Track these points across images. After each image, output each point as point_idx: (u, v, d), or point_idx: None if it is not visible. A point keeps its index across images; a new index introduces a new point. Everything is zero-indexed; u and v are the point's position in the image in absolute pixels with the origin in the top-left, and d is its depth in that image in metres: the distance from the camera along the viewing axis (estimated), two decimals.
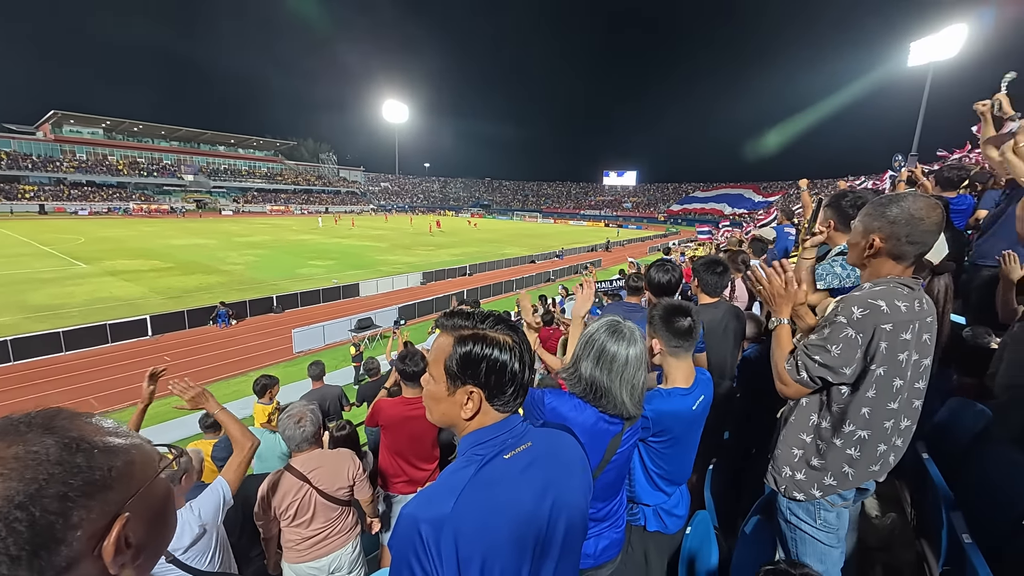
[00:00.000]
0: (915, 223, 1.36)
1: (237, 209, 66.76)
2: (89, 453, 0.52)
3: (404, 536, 0.88)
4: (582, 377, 1.38)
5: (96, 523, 0.50)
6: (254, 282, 20.92)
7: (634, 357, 1.35)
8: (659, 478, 1.72)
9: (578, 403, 1.39)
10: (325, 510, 2.42)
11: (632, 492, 1.74)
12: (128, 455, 0.56)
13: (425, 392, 1.02)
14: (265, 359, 12.74)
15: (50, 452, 0.49)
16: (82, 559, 0.50)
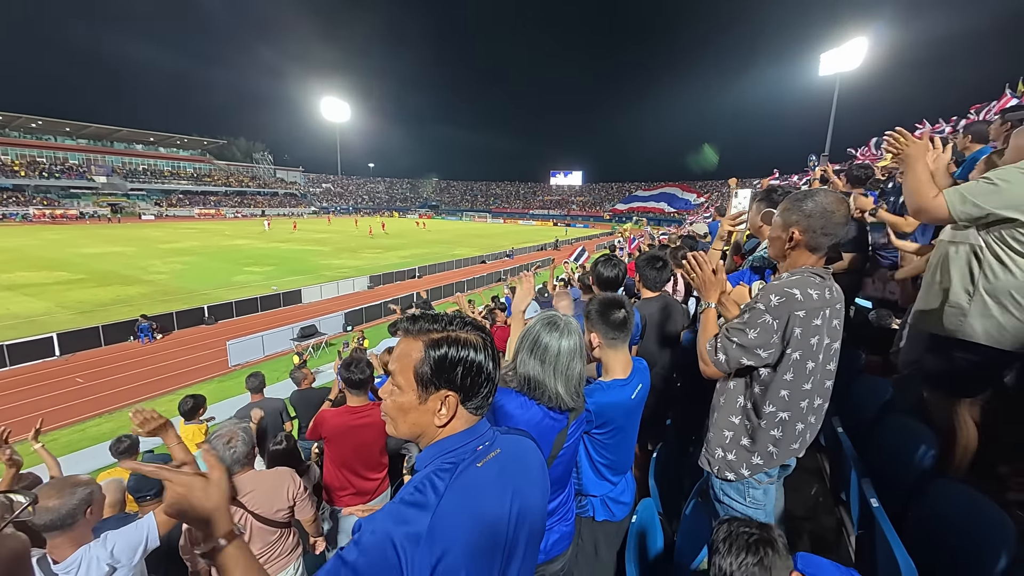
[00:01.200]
0: (828, 216, 1.48)
1: (160, 213, 61.36)
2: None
3: (377, 550, 0.80)
4: (518, 371, 1.39)
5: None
6: (182, 292, 19.32)
7: (567, 349, 1.37)
8: (604, 468, 1.76)
9: (524, 400, 1.39)
10: (262, 534, 2.27)
11: (579, 484, 1.77)
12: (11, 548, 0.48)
13: (389, 404, 0.96)
14: (196, 375, 11.79)
15: None
16: None
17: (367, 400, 2.88)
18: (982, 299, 1.72)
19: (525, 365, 1.38)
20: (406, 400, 0.93)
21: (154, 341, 14.00)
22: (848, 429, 2.38)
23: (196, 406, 4.14)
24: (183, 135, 75.06)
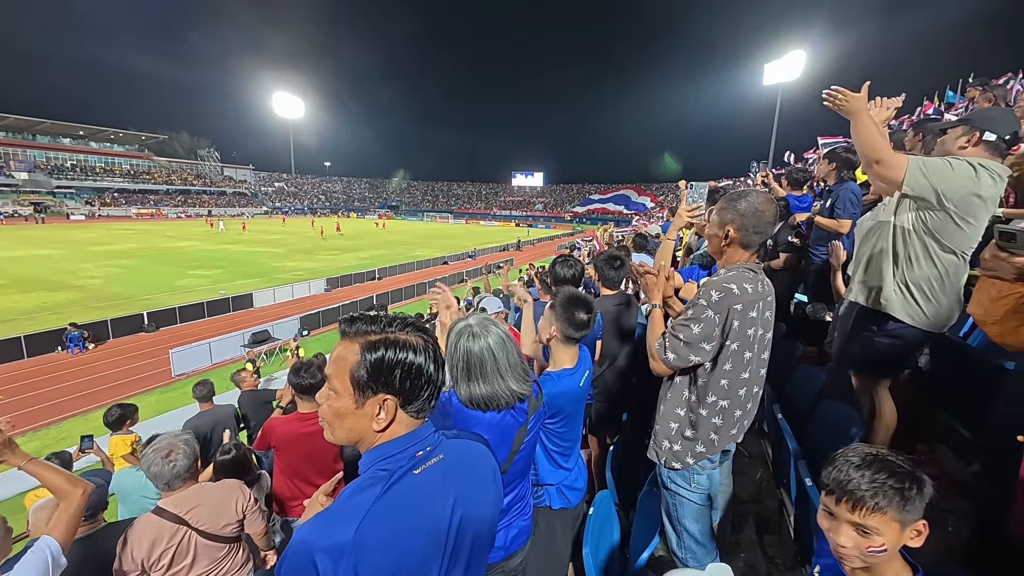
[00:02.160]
0: (759, 215, 1.58)
1: (92, 213, 56.68)
2: None
3: (295, 565, 0.79)
4: (461, 395, 1.37)
5: None
6: (118, 298, 17.95)
7: (497, 344, 1.35)
8: (558, 455, 1.80)
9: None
10: (208, 551, 2.14)
11: (536, 475, 1.80)
12: None
13: (325, 409, 0.93)
14: (135, 386, 10.98)
15: None
16: None
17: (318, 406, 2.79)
18: (902, 282, 1.88)
19: (470, 390, 1.35)
20: (342, 405, 0.90)
21: (85, 351, 12.93)
22: (787, 416, 2.54)
23: (123, 416, 3.80)
24: (118, 129, 69.81)
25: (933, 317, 1.88)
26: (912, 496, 0.94)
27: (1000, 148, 1.81)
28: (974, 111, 1.97)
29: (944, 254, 1.81)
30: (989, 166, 1.72)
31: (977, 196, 1.70)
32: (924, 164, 1.76)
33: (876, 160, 1.78)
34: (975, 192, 1.70)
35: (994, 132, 1.79)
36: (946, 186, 1.72)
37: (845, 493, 0.98)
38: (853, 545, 0.98)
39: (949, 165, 1.75)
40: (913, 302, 1.89)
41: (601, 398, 2.75)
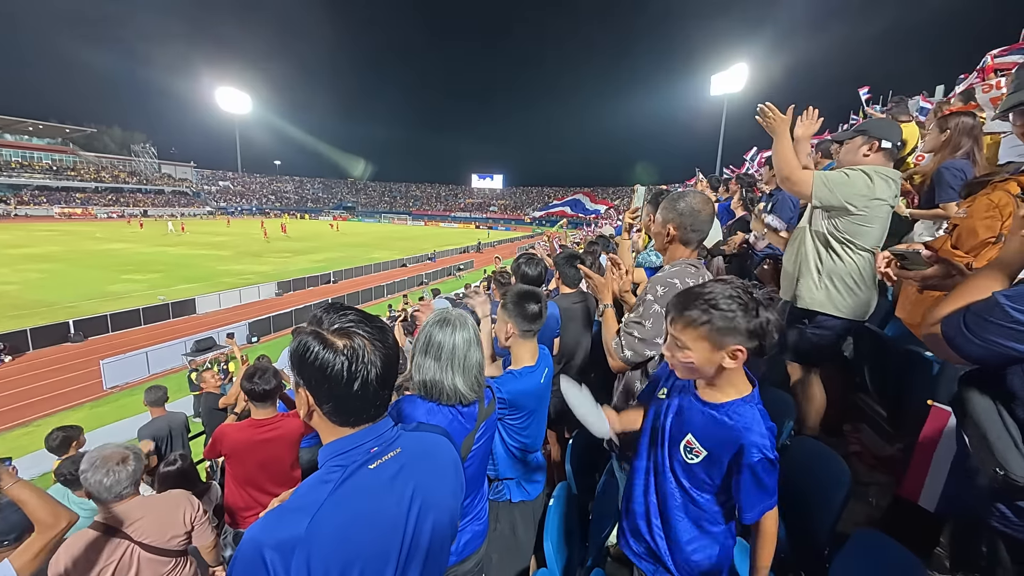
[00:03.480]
0: (695, 215, 1.71)
1: (6, 212, 51.35)
2: None
3: (246, 564, 0.78)
4: (415, 378, 1.39)
5: None
6: (39, 305, 16.37)
7: (463, 341, 1.39)
8: (518, 451, 1.84)
9: (431, 406, 1.39)
10: (153, 566, 2.02)
11: (495, 470, 1.83)
12: None
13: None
14: (60, 400, 10.07)
15: None
16: None
17: (275, 412, 2.70)
18: (827, 279, 2.10)
19: (420, 369, 1.38)
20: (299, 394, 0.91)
21: (2, 364, 11.71)
22: None
23: (67, 439, 3.45)
24: (37, 120, 63.52)
25: (856, 307, 2.10)
26: (717, 322, 1.12)
27: (894, 153, 2.08)
28: (868, 121, 2.24)
29: (857, 252, 2.05)
30: (881, 171, 1.98)
31: (875, 199, 1.95)
32: (827, 178, 2.02)
33: (786, 177, 2.09)
34: (872, 196, 1.95)
35: (890, 140, 2.05)
36: (847, 195, 1.97)
37: (671, 309, 1.21)
38: (671, 355, 1.22)
39: (846, 176, 2.00)
40: (838, 295, 2.10)
41: (560, 394, 2.83)
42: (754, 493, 1.16)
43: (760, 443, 1.13)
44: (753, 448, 1.13)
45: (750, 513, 1.18)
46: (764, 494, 1.16)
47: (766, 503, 1.17)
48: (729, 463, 1.17)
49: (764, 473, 1.14)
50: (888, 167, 2.04)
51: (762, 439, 1.13)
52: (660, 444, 1.29)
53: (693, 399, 1.26)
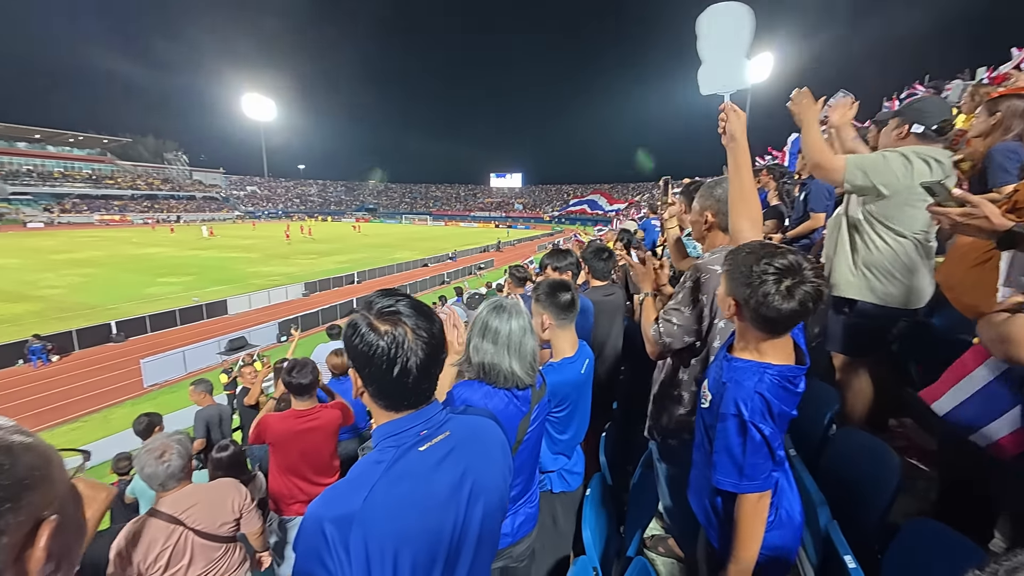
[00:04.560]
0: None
1: (51, 220, 54.10)
2: (8, 451, 0.45)
3: (308, 537, 0.82)
4: (471, 359, 1.43)
5: (22, 528, 0.45)
6: (82, 308, 17.21)
7: (517, 328, 1.42)
8: (562, 444, 1.85)
9: (488, 390, 1.42)
10: (205, 551, 2.12)
11: (539, 464, 1.84)
12: (45, 454, 0.49)
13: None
14: (105, 398, 10.59)
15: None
16: (4, 571, 0.43)
17: (314, 403, 2.78)
18: (863, 266, 2.04)
19: (478, 351, 1.42)
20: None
21: (50, 364, 12.38)
22: None
23: (151, 424, 3.89)
24: (77, 132, 66.81)
25: (897, 295, 2.02)
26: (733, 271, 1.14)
27: (930, 137, 1.98)
28: (906, 104, 2.15)
29: (897, 238, 1.97)
30: (923, 153, 1.89)
31: (913, 183, 1.85)
32: (861, 162, 1.95)
33: (816, 163, 2.02)
34: (909, 180, 1.86)
35: (921, 124, 1.96)
36: (882, 178, 1.89)
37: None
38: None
39: (883, 158, 1.92)
40: (876, 282, 2.03)
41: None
42: (721, 452, 1.14)
43: (741, 398, 1.10)
44: (731, 401, 1.11)
45: (715, 474, 1.15)
46: (730, 460, 1.11)
47: (732, 475, 1.11)
48: (716, 412, 1.17)
49: (734, 433, 1.11)
50: (934, 148, 1.95)
51: (746, 398, 1.10)
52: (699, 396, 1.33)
53: (724, 349, 1.27)
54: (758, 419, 1.09)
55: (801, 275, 1.05)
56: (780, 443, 1.14)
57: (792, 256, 1.07)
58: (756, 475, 1.10)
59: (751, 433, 1.08)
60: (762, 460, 1.10)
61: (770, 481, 1.13)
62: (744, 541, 1.14)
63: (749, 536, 1.13)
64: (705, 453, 1.27)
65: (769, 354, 1.16)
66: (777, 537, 1.20)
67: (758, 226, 1.51)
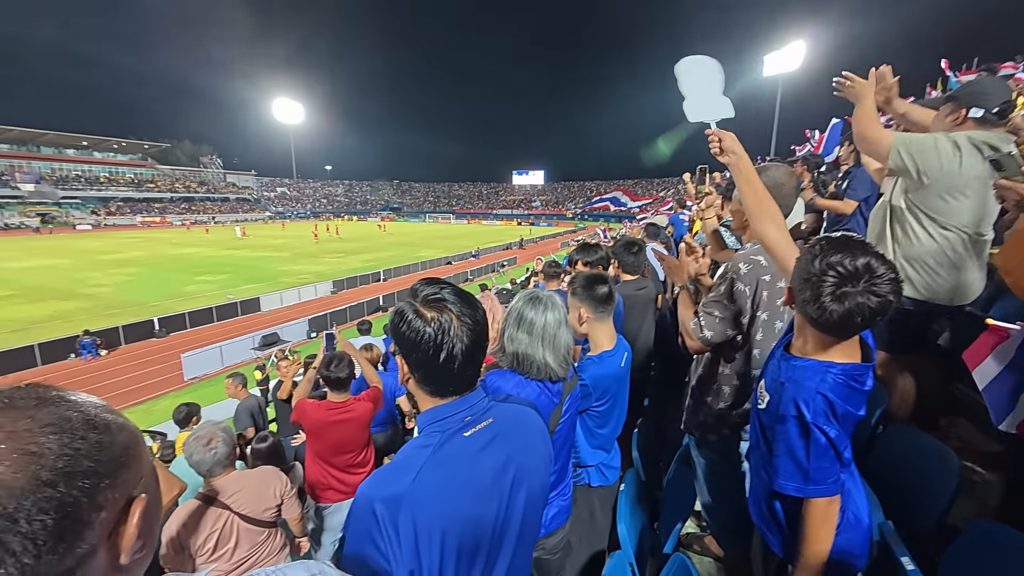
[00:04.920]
0: (777, 188, 1.62)
1: (97, 223, 57.15)
2: (106, 428, 0.47)
3: (359, 517, 0.85)
4: (506, 348, 1.43)
5: (116, 505, 0.46)
6: (128, 305, 18.11)
7: (552, 320, 1.42)
8: (602, 438, 1.84)
9: (520, 379, 1.43)
10: (249, 535, 2.21)
11: (577, 458, 1.84)
12: (136, 434, 0.51)
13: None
14: (149, 391, 11.13)
15: (75, 426, 0.44)
16: (99, 547, 0.44)
17: (348, 396, 2.85)
18: (902, 258, 1.92)
19: (512, 341, 1.42)
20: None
21: (99, 358, 13.10)
22: None
23: (189, 414, 4.17)
24: (121, 138, 70.34)
25: (942, 289, 1.90)
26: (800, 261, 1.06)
27: (990, 121, 1.82)
28: (961, 86, 1.99)
29: (941, 231, 1.83)
30: (978, 139, 1.73)
31: (960, 172, 1.72)
32: (907, 140, 1.80)
33: (862, 135, 1.91)
34: (954, 169, 1.72)
35: (981, 107, 1.80)
36: (925, 162, 1.76)
37: None
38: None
39: (934, 141, 1.77)
40: (916, 275, 1.91)
41: None
42: (783, 455, 1.08)
43: (802, 399, 1.04)
44: (790, 402, 1.06)
45: (777, 479, 1.10)
46: (793, 464, 1.06)
47: (796, 479, 1.06)
48: (775, 413, 1.12)
49: (795, 436, 1.05)
50: (994, 134, 1.82)
51: (807, 398, 1.04)
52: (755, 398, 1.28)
53: (782, 348, 1.22)
54: (821, 421, 1.03)
55: (869, 283, 0.94)
56: (847, 445, 1.08)
57: (865, 259, 0.95)
58: (823, 479, 1.05)
59: (815, 435, 1.03)
60: (828, 464, 1.04)
61: (839, 485, 1.08)
62: (812, 547, 1.09)
63: (818, 542, 1.08)
64: (761, 455, 1.23)
65: (831, 352, 1.09)
66: (844, 541, 1.14)
67: (783, 226, 1.46)
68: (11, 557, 0.38)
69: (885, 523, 1.40)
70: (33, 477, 0.40)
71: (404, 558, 0.82)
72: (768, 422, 1.17)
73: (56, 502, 0.40)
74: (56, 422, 0.43)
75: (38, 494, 0.39)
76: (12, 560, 0.38)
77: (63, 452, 0.42)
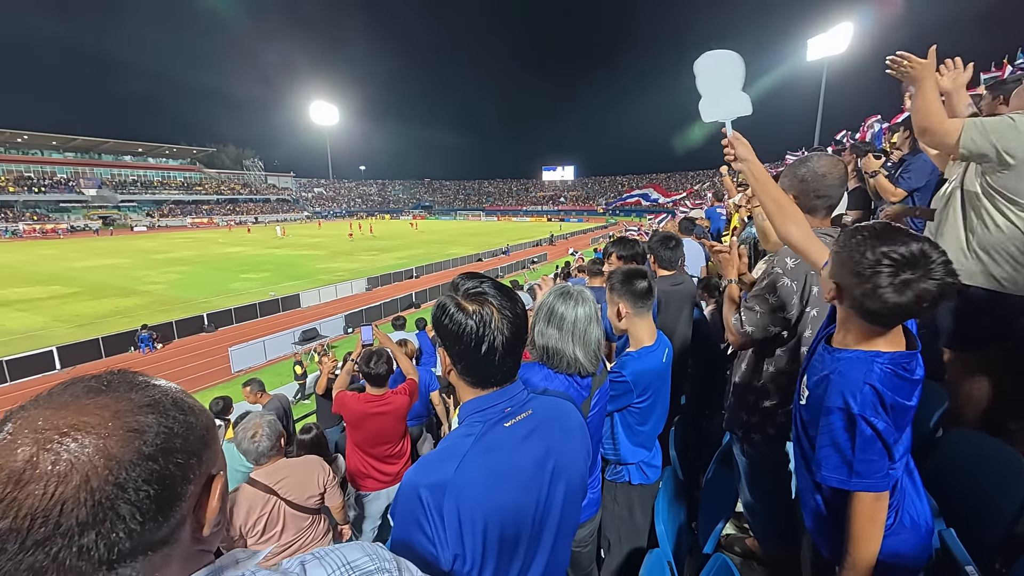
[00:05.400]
0: (820, 179, 1.56)
1: (152, 224, 60.99)
2: (191, 410, 0.51)
3: (406, 502, 0.88)
4: (536, 342, 1.44)
5: (200, 481, 0.50)
6: (179, 301, 19.24)
7: (583, 315, 1.41)
8: (644, 435, 1.81)
9: (548, 373, 1.43)
10: (295, 521, 2.31)
11: (617, 455, 1.82)
12: (210, 417, 0.55)
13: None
14: (200, 382, 11.80)
15: (166, 407, 0.49)
16: (183, 522, 0.48)
17: (386, 391, 2.93)
18: (976, 246, 1.79)
19: (543, 335, 1.42)
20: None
21: (155, 350, 13.99)
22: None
23: (226, 406, 4.57)
24: (172, 144, 74.58)
25: (1021, 282, 1.77)
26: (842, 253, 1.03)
27: None
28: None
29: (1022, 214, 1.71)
30: None
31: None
32: (982, 123, 1.69)
33: (925, 128, 1.76)
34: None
35: None
36: (1006, 143, 1.64)
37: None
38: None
39: (1012, 121, 1.66)
40: (994, 264, 1.78)
41: None
42: (827, 446, 1.04)
43: (848, 390, 1.00)
44: (836, 394, 1.02)
45: (820, 471, 1.06)
46: (837, 455, 1.02)
47: (841, 472, 1.02)
48: (818, 407, 1.07)
49: (840, 428, 1.01)
50: None
51: (855, 389, 1.00)
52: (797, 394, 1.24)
53: (824, 342, 1.18)
54: (869, 412, 0.99)
55: (926, 269, 0.91)
56: (897, 439, 1.03)
57: (917, 244, 0.93)
58: (870, 473, 1.01)
59: (861, 427, 0.99)
60: (876, 457, 1.00)
61: (888, 480, 1.03)
62: (858, 544, 1.05)
63: (864, 539, 1.04)
64: (803, 452, 1.19)
65: (876, 342, 1.05)
66: (899, 543, 1.09)
67: (806, 227, 1.40)
68: (121, 522, 0.42)
69: (947, 530, 1.32)
70: (137, 452, 0.44)
71: (449, 543, 0.84)
72: (810, 416, 1.14)
73: (156, 474, 0.45)
74: (151, 403, 0.47)
75: (142, 467, 0.44)
76: (123, 525, 0.42)
77: (160, 430, 0.46)
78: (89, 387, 0.47)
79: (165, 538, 0.46)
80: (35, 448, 0.41)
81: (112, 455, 0.43)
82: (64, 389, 0.47)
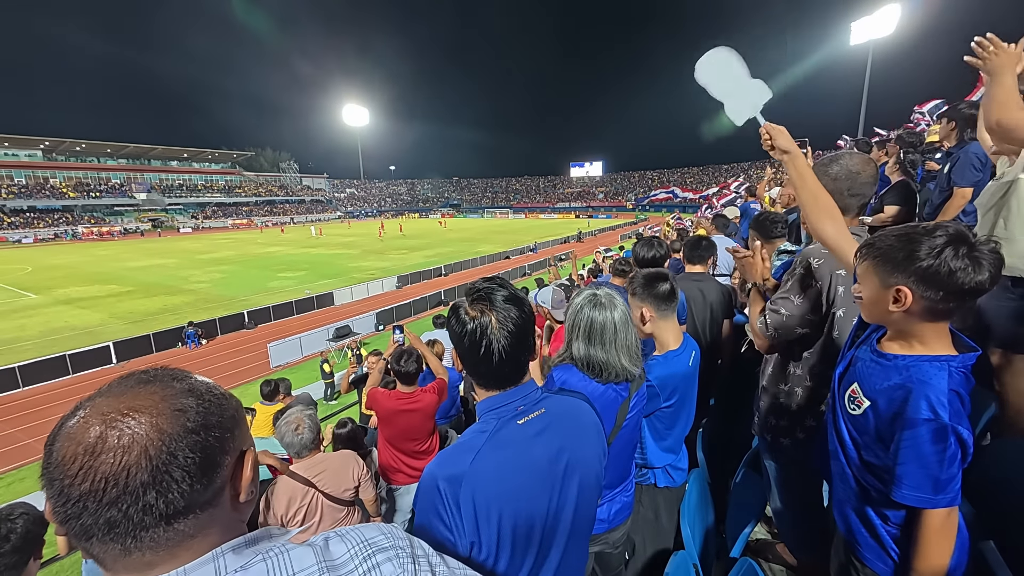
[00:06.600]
0: (853, 177, 1.51)
1: (196, 226, 64.21)
2: (222, 396, 0.61)
3: (425, 493, 0.94)
4: (576, 357, 1.43)
5: (234, 454, 0.60)
6: (222, 299, 20.22)
7: (621, 320, 1.41)
8: (671, 439, 1.81)
9: (586, 375, 1.44)
10: (332, 512, 2.43)
11: (644, 459, 1.82)
12: (239, 402, 0.65)
13: None
14: (242, 376, 12.38)
15: (202, 392, 0.59)
16: (223, 488, 0.58)
17: (415, 388, 3.03)
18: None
19: (585, 351, 1.41)
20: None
21: (200, 346, 14.76)
22: None
23: (275, 390, 4.85)
24: (214, 149, 78.41)
25: None
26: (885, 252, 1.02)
27: None
28: None
29: None
30: None
31: None
32: None
33: (997, 121, 1.60)
34: None
35: None
36: None
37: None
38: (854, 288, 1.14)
39: None
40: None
41: None
42: (911, 462, 0.97)
43: (935, 400, 0.94)
44: (922, 402, 0.95)
45: (900, 489, 0.99)
46: (923, 471, 0.95)
47: (924, 489, 0.96)
48: (893, 419, 1.01)
49: (929, 440, 0.94)
50: None
51: (939, 398, 0.95)
52: (834, 402, 1.20)
53: (869, 349, 1.13)
54: (958, 421, 0.95)
55: (971, 243, 0.92)
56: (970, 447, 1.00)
57: (948, 225, 0.95)
58: (952, 487, 0.97)
59: (951, 439, 0.94)
60: (957, 469, 0.96)
61: (959, 495, 0.99)
62: (929, 560, 1.01)
63: (937, 556, 1.00)
64: (843, 464, 1.16)
65: (936, 345, 1.01)
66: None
67: (841, 222, 1.36)
68: (175, 483, 0.52)
69: (985, 543, 1.27)
70: (183, 427, 0.54)
71: (466, 531, 0.90)
72: (874, 429, 1.07)
73: (199, 445, 0.54)
74: (190, 389, 0.58)
75: (188, 439, 0.53)
76: (175, 486, 0.52)
77: (200, 410, 0.56)
78: (140, 379, 0.57)
79: (210, 500, 0.56)
80: (103, 427, 0.51)
81: (163, 430, 0.52)
82: (120, 382, 0.57)
